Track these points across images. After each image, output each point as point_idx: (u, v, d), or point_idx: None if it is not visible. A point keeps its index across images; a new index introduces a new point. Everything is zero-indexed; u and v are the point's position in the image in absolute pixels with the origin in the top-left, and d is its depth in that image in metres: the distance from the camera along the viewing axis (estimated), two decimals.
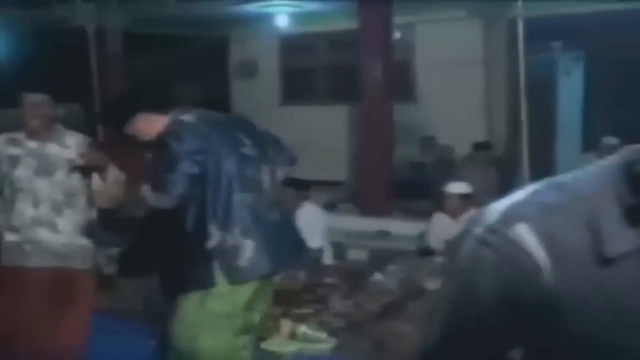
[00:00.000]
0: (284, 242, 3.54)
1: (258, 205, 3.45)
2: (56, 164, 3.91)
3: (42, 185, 3.87)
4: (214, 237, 3.39)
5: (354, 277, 5.96)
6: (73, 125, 4.07)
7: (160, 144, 3.41)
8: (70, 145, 3.96)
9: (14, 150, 3.91)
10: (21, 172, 3.87)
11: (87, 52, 10.19)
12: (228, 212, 3.39)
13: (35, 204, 3.85)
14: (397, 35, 9.70)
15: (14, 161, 3.89)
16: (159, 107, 3.61)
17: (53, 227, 3.87)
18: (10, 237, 3.88)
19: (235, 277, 3.40)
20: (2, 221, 3.91)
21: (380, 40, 8.63)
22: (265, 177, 3.55)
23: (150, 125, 3.56)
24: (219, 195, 3.39)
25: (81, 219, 3.97)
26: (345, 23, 9.87)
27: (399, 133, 8.93)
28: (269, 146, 3.69)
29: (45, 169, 3.89)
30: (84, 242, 3.99)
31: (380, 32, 8.63)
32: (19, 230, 3.87)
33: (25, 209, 3.85)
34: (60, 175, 3.90)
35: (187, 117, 3.49)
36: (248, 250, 3.38)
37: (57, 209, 3.88)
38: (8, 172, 3.88)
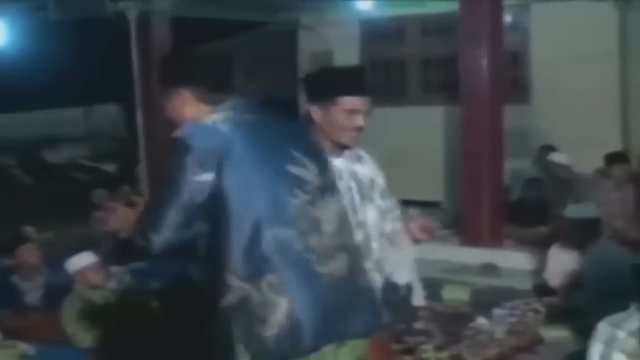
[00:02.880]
0: (346, 307, 3.01)
1: (309, 253, 2.96)
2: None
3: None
4: (233, 292, 2.92)
5: (452, 322, 5.92)
6: (109, 128, 4.12)
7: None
8: None
9: None
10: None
11: (128, 42, 10.41)
12: (255, 255, 2.91)
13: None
14: (507, 19, 9.61)
15: None
16: (210, 87, 3.20)
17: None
18: None
19: (259, 353, 2.91)
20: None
21: (487, 26, 8.56)
22: (327, 213, 3.07)
23: (183, 106, 3.20)
24: (243, 228, 2.91)
25: None
26: (443, 5, 9.83)
27: (509, 142, 8.83)
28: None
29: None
30: None
31: (486, 16, 8.56)
32: None
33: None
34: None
35: (216, 116, 3.03)
36: (279, 312, 2.88)
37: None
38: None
